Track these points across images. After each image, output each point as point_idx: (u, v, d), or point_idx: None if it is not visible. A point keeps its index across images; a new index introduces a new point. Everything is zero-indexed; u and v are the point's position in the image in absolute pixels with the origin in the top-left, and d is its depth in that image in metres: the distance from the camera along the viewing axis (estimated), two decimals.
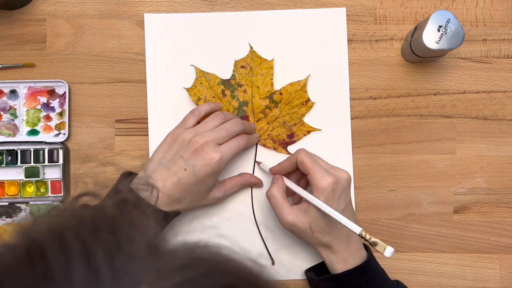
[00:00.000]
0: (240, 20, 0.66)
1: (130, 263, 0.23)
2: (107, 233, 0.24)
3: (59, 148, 0.64)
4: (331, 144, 0.65)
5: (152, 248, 0.25)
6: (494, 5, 0.66)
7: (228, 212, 0.64)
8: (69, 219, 0.26)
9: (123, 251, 0.23)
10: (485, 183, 0.65)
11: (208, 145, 0.55)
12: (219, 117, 0.59)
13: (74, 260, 0.22)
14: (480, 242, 0.65)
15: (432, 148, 0.65)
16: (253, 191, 0.64)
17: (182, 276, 0.23)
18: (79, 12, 0.66)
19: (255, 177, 0.64)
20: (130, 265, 0.23)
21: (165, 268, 0.24)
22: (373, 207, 0.65)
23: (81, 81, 0.65)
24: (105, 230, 0.24)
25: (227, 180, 0.62)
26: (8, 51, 0.66)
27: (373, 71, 0.66)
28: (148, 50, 0.65)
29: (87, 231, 0.24)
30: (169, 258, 0.25)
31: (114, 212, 0.27)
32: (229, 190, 0.61)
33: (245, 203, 0.64)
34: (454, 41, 0.58)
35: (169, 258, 0.25)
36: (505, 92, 0.66)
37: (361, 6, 0.66)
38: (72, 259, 0.22)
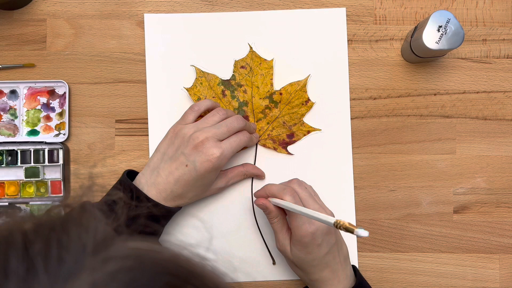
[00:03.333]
0: (240, 20, 0.66)
1: (66, 254, 0.25)
2: (47, 230, 0.26)
3: (59, 148, 0.64)
4: (331, 144, 0.65)
5: (97, 244, 0.26)
6: (494, 5, 0.66)
7: (228, 213, 0.64)
8: (18, 221, 0.28)
9: (61, 245, 0.25)
10: (485, 183, 0.65)
11: (209, 141, 0.55)
12: (220, 113, 0.59)
13: (11, 253, 0.24)
14: (480, 242, 0.65)
15: (432, 148, 0.65)
16: (254, 184, 0.64)
17: (118, 265, 0.25)
18: (79, 12, 0.66)
19: (257, 168, 0.64)
20: (66, 256, 0.25)
21: (103, 259, 0.25)
22: (373, 207, 0.65)
23: (81, 81, 0.65)
24: (45, 228, 0.26)
25: (229, 169, 0.62)
26: (8, 51, 0.66)
27: (373, 71, 0.66)
28: (148, 50, 0.65)
29: (30, 229, 0.26)
30: (110, 251, 0.26)
31: (58, 214, 0.29)
32: (231, 179, 0.62)
33: (246, 204, 0.64)
34: (454, 41, 0.58)
35: (110, 250, 0.26)
36: (505, 92, 0.66)
37: (361, 6, 0.66)
38: (10, 251, 0.24)
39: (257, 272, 0.64)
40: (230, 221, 0.64)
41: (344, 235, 0.58)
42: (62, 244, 0.25)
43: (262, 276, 0.64)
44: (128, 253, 0.26)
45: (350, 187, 0.64)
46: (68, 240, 0.26)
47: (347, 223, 0.44)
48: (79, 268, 0.24)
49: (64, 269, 0.24)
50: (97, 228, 0.27)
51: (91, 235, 0.26)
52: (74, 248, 0.25)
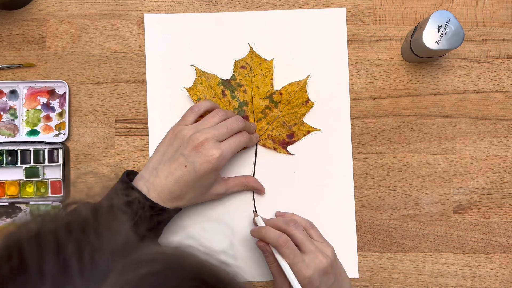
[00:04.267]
0: (240, 20, 0.66)
1: (98, 257, 0.25)
2: (78, 231, 0.26)
3: (59, 148, 0.64)
4: (331, 144, 0.65)
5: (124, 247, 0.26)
6: (494, 5, 0.66)
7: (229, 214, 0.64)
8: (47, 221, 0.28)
9: (93, 247, 0.26)
10: (485, 183, 0.65)
11: (208, 142, 0.55)
12: (220, 114, 0.59)
13: (46, 253, 0.24)
14: (480, 242, 0.65)
15: (432, 148, 0.65)
16: (255, 195, 0.64)
17: (147, 268, 0.25)
18: (79, 12, 0.66)
19: (259, 183, 0.64)
20: (99, 259, 0.25)
21: (132, 262, 0.25)
22: (373, 207, 0.65)
23: (81, 81, 0.65)
24: (77, 229, 0.27)
25: (231, 178, 0.62)
26: (8, 51, 0.66)
27: (373, 71, 0.66)
28: (148, 50, 0.65)
29: (61, 230, 0.26)
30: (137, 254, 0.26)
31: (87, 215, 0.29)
32: (231, 188, 0.61)
33: (246, 206, 0.64)
34: (454, 41, 0.58)
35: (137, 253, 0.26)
36: (505, 92, 0.66)
37: (361, 6, 0.66)
38: (45, 252, 0.25)
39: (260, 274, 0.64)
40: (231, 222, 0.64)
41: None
42: (94, 247, 0.26)
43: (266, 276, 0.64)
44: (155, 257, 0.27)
45: (350, 187, 0.64)
46: (99, 242, 0.26)
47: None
48: (110, 270, 0.25)
49: (96, 271, 0.25)
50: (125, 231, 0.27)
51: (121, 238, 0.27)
52: (106, 250, 0.26)
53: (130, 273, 0.25)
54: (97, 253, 0.25)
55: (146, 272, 0.25)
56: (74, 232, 0.26)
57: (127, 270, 0.25)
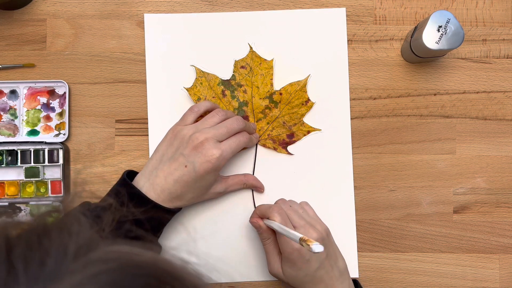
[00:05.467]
0: (240, 20, 0.66)
1: (47, 257, 0.25)
2: (30, 235, 0.27)
3: (59, 148, 0.64)
4: (331, 144, 0.65)
5: (79, 249, 0.26)
6: (494, 5, 0.66)
7: (230, 214, 0.64)
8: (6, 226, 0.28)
9: (42, 248, 0.26)
10: (485, 183, 0.65)
11: (208, 142, 0.55)
12: (220, 114, 0.59)
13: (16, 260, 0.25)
14: (480, 242, 0.65)
15: (432, 148, 0.65)
16: (255, 194, 0.64)
17: (97, 267, 0.25)
18: (79, 12, 0.66)
19: (258, 181, 0.64)
20: (47, 259, 0.25)
21: (84, 262, 0.26)
22: (372, 207, 0.65)
23: (81, 81, 0.65)
24: (29, 233, 0.27)
25: (230, 176, 0.62)
26: (8, 51, 0.66)
27: (373, 71, 0.66)
28: (148, 50, 0.65)
29: (14, 234, 0.26)
30: (90, 254, 0.26)
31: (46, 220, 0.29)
32: (230, 186, 0.62)
33: (247, 206, 0.64)
34: (454, 41, 0.58)
35: (90, 254, 0.27)
36: (504, 92, 0.66)
37: (361, 6, 0.66)
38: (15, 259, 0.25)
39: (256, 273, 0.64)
40: (231, 224, 0.64)
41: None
42: (43, 248, 0.26)
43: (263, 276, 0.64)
44: (109, 257, 0.27)
45: (350, 187, 0.65)
46: (49, 243, 0.26)
47: (306, 239, 0.46)
48: (60, 271, 0.25)
49: (45, 272, 0.25)
50: (80, 232, 0.27)
51: (73, 239, 0.27)
52: (55, 251, 0.26)
53: (80, 273, 0.25)
54: (46, 254, 0.25)
55: (98, 271, 0.25)
56: (25, 235, 0.26)
57: (78, 270, 0.25)
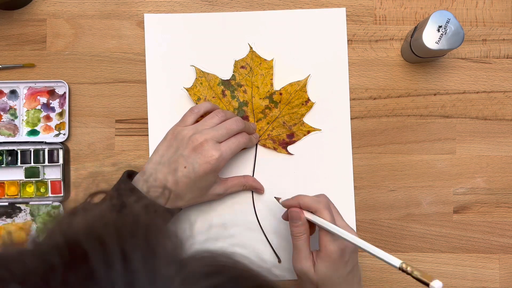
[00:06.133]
0: (240, 20, 0.66)
1: (163, 267, 0.24)
2: (141, 238, 0.25)
3: (59, 148, 0.64)
4: (331, 144, 0.65)
5: (177, 253, 0.25)
6: (493, 5, 0.66)
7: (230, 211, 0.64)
8: (103, 222, 0.26)
9: (156, 256, 0.24)
10: (485, 183, 0.65)
11: (208, 143, 0.55)
12: (219, 115, 0.59)
13: (114, 263, 0.23)
14: (480, 242, 0.65)
15: (432, 148, 0.65)
16: (254, 196, 0.64)
17: (208, 282, 0.24)
18: (79, 12, 0.66)
19: (257, 182, 0.64)
20: (164, 269, 0.24)
21: (192, 273, 0.24)
22: (373, 207, 0.65)
23: (81, 81, 0.65)
24: (140, 235, 0.25)
25: (229, 178, 0.62)
26: (8, 51, 0.66)
27: (373, 71, 0.66)
28: (148, 50, 0.65)
29: (124, 235, 0.24)
30: (196, 265, 0.25)
31: (145, 219, 0.27)
32: (230, 188, 0.61)
33: (247, 204, 0.64)
34: (454, 41, 0.58)
35: (195, 264, 0.25)
36: (504, 92, 0.66)
37: (361, 6, 0.66)
38: (113, 261, 0.23)
39: None
40: (230, 221, 0.64)
41: None
42: (157, 255, 0.24)
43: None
44: (214, 269, 0.26)
45: (350, 187, 0.64)
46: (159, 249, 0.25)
47: (419, 273, 0.41)
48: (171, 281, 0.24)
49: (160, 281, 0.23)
50: (173, 235, 0.27)
51: (171, 242, 0.26)
52: (164, 258, 0.25)
53: (192, 286, 0.23)
54: (162, 263, 0.24)
55: (208, 285, 0.24)
56: (136, 238, 0.25)
57: (188, 283, 0.23)
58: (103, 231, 0.24)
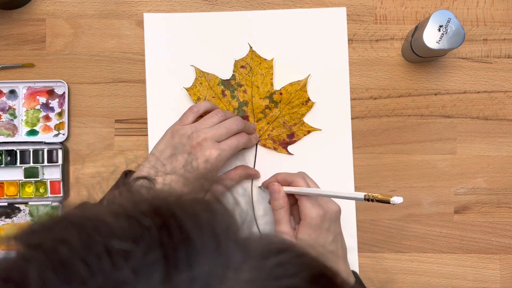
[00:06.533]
0: (240, 20, 0.65)
1: (239, 236, 0.25)
2: (213, 210, 0.26)
3: (59, 149, 0.64)
4: (331, 144, 0.64)
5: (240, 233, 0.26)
6: (494, 4, 0.66)
7: None
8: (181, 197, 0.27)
9: (229, 230, 0.25)
10: (486, 183, 0.65)
11: (207, 142, 0.55)
12: (219, 114, 0.59)
13: (204, 228, 0.24)
14: (481, 242, 0.65)
15: (432, 148, 0.65)
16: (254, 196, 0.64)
17: (278, 259, 0.24)
18: (79, 12, 0.66)
19: (251, 168, 0.64)
20: (241, 237, 0.25)
21: (263, 251, 0.25)
22: (373, 207, 0.65)
23: (81, 81, 0.65)
24: (214, 211, 0.26)
25: (223, 175, 0.62)
26: (8, 51, 0.65)
27: (374, 71, 0.65)
28: (147, 50, 0.65)
29: (203, 209, 0.26)
30: (263, 243, 0.26)
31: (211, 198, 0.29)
32: (229, 183, 0.62)
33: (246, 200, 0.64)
34: (455, 41, 0.57)
35: (263, 243, 0.26)
36: (505, 92, 0.65)
37: (362, 6, 0.66)
38: (202, 226, 0.24)
39: None
40: None
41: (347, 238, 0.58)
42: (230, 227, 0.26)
43: None
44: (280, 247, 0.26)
45: (351, 187, 0.64)
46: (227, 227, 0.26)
47: (379, 195, 0.46)
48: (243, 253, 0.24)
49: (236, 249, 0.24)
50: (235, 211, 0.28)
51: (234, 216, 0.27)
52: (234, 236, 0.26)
53: (260, 264, 0.24)
54: (238, 233, 0.25)
55: (276, 262, 0.24)
56: (219, 210, 0.26)
57: (257, 260, 0.24)
58: (189, 202, 0.26)
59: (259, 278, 0.23)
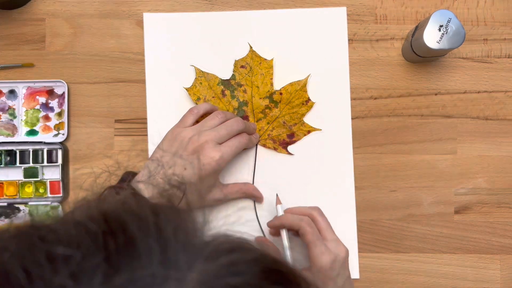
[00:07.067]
0: (240, 20, 0.65)
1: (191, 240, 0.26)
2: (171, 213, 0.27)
3: (58, 149, 0.64)
4: (332, 144, 0.64)
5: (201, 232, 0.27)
6: (495, 4, 0.66)
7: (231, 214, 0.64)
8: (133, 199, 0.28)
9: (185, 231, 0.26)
10: (486, 183, 0.65)
11: (208, 144, 0.55)
12: (219, 116, 0.59)
13: (150, 230, 0.24)
14: (481, 242, 0.64)
15: (433, 148, 0.65)
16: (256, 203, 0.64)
17: (227, 259, 0.25)
18: (78, 11, 0.66)
19: (258, 191, 0.63)
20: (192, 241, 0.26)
21: (215, 249, 0.25)
22: (373, 207, 0.64)
23: (80, 81, 0.65)
24: (169, 212, 0.27)
25: (230, 184, 0.62)
26: (7, 51, 0.65)
27: (374, 71, 0.65)
28: (147, 49, 0.65)
29: (156, 211, 0.26)
30: (217, 243, 0.26)
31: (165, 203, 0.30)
32: (229, 194, 0.61)
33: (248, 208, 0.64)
34: (455, 41, 0.57)
35: (217, 242, 0.26)
36: (506, 92, 0.65)
37: (362, 6, 0.66)
38: (149, 229, 0.24)
39: None
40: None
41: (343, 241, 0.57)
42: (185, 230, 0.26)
43: None
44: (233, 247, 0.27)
45: (351, 187, 0.64)
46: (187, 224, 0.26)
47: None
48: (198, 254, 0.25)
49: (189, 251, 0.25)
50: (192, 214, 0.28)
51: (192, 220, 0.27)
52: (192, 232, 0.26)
53: (211, 263, 0.25)
54: (188, 235, 0.26)
55: (227, 262, 0.25)
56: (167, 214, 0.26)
57: (208, 260, 0.25)
58: (136, 206, 0.26)
59: (208, 279, 0.24)
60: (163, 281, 0.23)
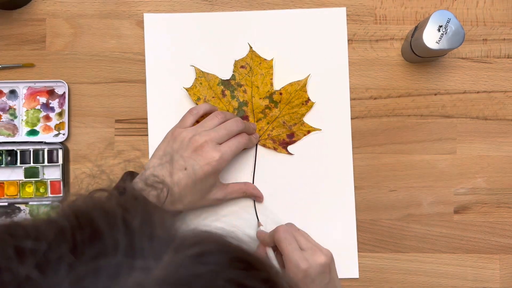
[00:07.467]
0: (240, 20, 0.66)
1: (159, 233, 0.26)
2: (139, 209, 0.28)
3: (59, 149, 0.64)
4: (331, 144, 0.65)
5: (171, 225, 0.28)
6: (494, 4, 0.66)
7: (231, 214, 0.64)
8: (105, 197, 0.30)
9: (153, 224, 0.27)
10: (486, 183, 0.65)
11: (208, 144, 0.55)
12: (219, 116, 0.59)
13: (117, 224, 0.25)
14: (480, 242, 0.65)
15: (432, 148, 0.65)
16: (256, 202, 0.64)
17: (196, 249, 0.26)
18: (79, 12, 0.66)
19: (258, 190, 0.63)
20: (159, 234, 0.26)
21: (183, 241, 0.26)
22: (373, 207, 0.65)
23: (81, 81, 0.65)
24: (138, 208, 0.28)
25: (230, 184, 0.62)
26: (8, 51, 0.65)
27: (373, 71, 0.66)
28: (147, 50, 0.65)
29: (124, 206, 0.27)
30: (186, 235, 0.27)
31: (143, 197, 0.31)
32: (230, 194, 0.61)
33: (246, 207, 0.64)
34: (455, 41, 0.57)
35: (186, 235, 0.27)
36: (505, 92, 0.65)
37: (361, 6, 0.66)
38: (115, 223, 0.25)
39: None
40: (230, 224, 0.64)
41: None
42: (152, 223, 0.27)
43: None
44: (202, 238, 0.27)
45: (350, 187, 0.64)
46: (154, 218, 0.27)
47: None
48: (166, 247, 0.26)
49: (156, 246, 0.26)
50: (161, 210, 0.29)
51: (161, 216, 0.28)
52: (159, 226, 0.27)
53: (181, 254, 0.25)
54: (155, 229, 0.26)
55: (196, 252, 0.26)
56: (136, 209, 0.27)
57: (178, 251, 0.25)
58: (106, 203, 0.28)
59: (176, 268, 0.25)
60: (129, 270, 0.24)
